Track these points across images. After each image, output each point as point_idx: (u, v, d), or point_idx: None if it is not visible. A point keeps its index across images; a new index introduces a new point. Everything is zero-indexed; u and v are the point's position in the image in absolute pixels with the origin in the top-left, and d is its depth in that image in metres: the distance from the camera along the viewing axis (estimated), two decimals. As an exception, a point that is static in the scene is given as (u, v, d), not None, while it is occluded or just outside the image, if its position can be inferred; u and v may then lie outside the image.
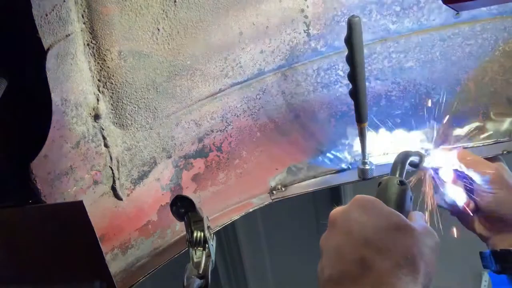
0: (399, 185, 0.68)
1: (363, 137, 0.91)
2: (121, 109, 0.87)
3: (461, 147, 0.95)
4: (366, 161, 0.96)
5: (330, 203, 2.13)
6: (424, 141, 1.00)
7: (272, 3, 0.92)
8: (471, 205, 0.84)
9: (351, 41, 0.79)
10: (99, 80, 0.83)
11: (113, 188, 0.89)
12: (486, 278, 2.48)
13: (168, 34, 0.86)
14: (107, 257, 0.87)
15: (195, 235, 0.81)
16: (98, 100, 0.83)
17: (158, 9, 0.83)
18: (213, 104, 0.97)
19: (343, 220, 0.60)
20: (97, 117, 0.83)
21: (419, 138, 1.00)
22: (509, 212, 0.80)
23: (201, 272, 0.78)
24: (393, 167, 0.77)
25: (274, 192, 1.04)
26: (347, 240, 0.57)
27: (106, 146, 0.86)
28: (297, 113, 1.02)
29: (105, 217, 0.88)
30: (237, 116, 1.00)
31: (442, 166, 0.88)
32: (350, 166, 1.03)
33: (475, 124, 0.98)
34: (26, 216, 0.73)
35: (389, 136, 1.02)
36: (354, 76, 0.82)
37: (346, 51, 0.82)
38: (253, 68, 0.97)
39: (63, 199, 0.80)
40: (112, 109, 0.86)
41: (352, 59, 0.80)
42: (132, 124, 0.89)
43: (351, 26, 0.77)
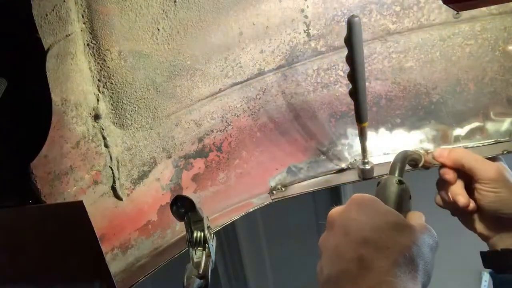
0: (398, 184, 0.68)
1: (363, 137, 0.91)
2: (121, 109, 0.87)
3: (462, 147, 0.95)
4: (366, 161, 0.96)
5: (330, 203, 2.13)
6: (424, 141, 1.00)
7: (272, 3, 0.92)
8: (472, 205, 0.84)
9: (351, 41, 0.79)
10: (99, 80, 0.83)
11: (113, 188, 0.89)
12: (486, 278, 2.48)
13: (168, 34, 0.86)
14: (107, 257, 0.87)
15: (195, 235, 0.81)
16: (98, 100, 0.84)
17: (158, 9, 0.83)
18: (213, 104, 0.97)
19: (341, 220, 0.60)
20: (97, 117, 0.83)
21: (419, 138, 1.00)
22: (511, 212, 0.80)
23: (201, 272, 0.78)
24: (392, 167, 0.77)
25: (274, 192, 1.04)
26: (345, 239, 0.57)
27: (106, 146, 0.86)
28: (297, 113, 1.02)
29: (105, 217, 0.88)
30: (237, 116, 1.00)
31: (443, 166, 0.88)
32: (350, 166, 1.03)
33: (475, 124, 0.98)
34: (26, 216, 0.73)
35: (389, 136, 1.02)
36: (354, 76, 0.82)
37: (346, 51, 0.82)
38: (253, 68, 0.97)
39: (63, 199, 0.80)
40: (112, 109, 0.86)
41: (352, 59, 0.80)
42: (132, 124, 0.89)
43: (351, 26, 0.77)
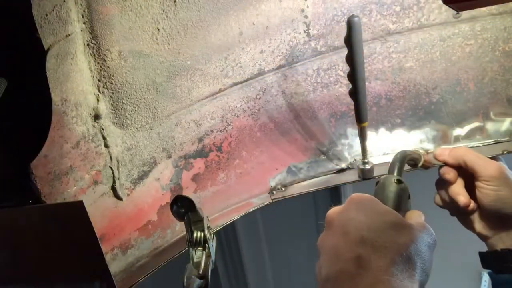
0: (396, 184, 0.68)
1: (363, 137, 0.91)
2: (121, 109, 0.87)
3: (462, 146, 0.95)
4: (366, 161, 0.96)
5: (330, 203, 2.13)
6: (424, 141, 1.00)
7: (272, 3, 0.92)
8: (472, 204, 0.84)
9: (350, 41, 0.79)
10: (99, 80, 0.83)
11: (113, 188, 0.89)
12: (486, 278, 2.48)
13: (168, 34, 0.86)
14: (107, 257, 0.87)
15: (195, 235, 0.81)
16: (98, 100, 0.84)
17: (158, 9, 0.84)
18: (213, 104, 0.97)
19: (339, 220, 0.60)
20: (97, 117, 0.84)
21: (419, 138, 1.00)
22: (511, 211, 0.80)
23: (201, 272, 0.78)
24: (391, 166, 0.77)
25: (274, 192, 1.04)
26: (343, 239, 0.58)
27: (106, 146, 0.86)
28: (297, 113, 1.02)
29: (105, 217, 0.88)
30: (237, 116, 1.00)
31: (444, 165, 0.88)
32: (350, 166, 1.03)
33: (475, 124, 0.98)
34: (26, 216, 0.73)
35: (389, 136, 1.02)
36: (354, 76, 0.82)
37: (346, 51, 0.82)
38: (253, 68, 0.97)
39: (63, 199, 0.80)
40: (112, 109, 0.86)
41: (352, 59, 0.80)
42: (132, 124, 0.89)
43: (350, 26, 0.77)
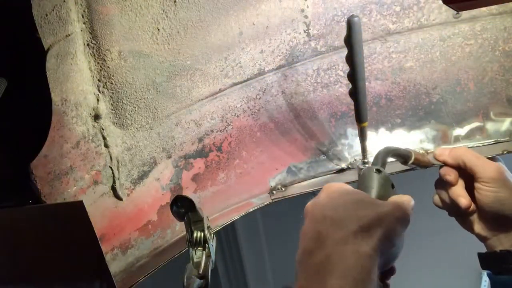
0: (376, 173, 0.70)
1: (363, 137, 0.91)
2: (121, 109, 0.87)
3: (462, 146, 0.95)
4: (366, 161, 0.96)
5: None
6: (424, 141, 1.00)
7: (272, 3, 0.92)
8: (473, 206, 0.84)
9: (350, 41, 0.78)
10: (99, 80, 0.83)
11: (113, 188, 0.89)
12: (486, 278, 2.48)
13: (168, 34, 0.86)
14: (107, 257, 0.87)
15: (195, 235, 0.81)
16: (98, 100, 0.84)
17: (158, 9, 0.84)
18: (213, 104, 0.97)
19: (311, 208, 0.63)
20: (97, 117, 0.84)
21: (419, 138, 1.00)
22: (510, 213, 0.80)
23: (201, 272, 0.78)
24: (374, 158, 0.79)
25: (274, 192, 1.04)
26: (310, 222, 0.60)
27: (106, 146, 0.86)
28: (297, 113, 1.02)
29: (105, 217, 0.88)
30: (237, 116, 1.00)
31: (444, 165, 0.87)
32: (350, 166, 1.03)
33: (475, 124, 0.98)
34: (26, 216, 0.73)
35: (389, 136, 1.02)
36: (354, 76, 0.82)
37: (346, 51, 0.82)
38: (253, 68, 0.97)
39: (63, 199, 0.80)
40: (112, 109, 0.86)
41: (352, 59, 0.80)
42: (132, 124, 0.89)
43: (350, 26, 0.77)
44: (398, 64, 0.99)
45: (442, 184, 0.87)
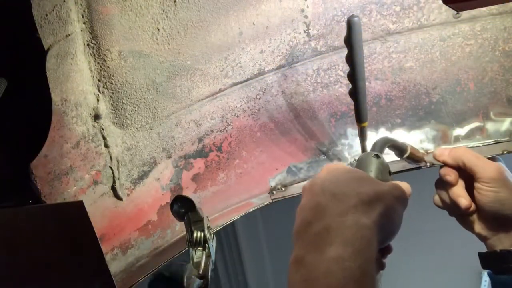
0: (374, 158, 0.71)
1: (363, 137, 0.91)
2: (121, 109, 0.87)
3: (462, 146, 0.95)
4: (366, 161, 0.96)
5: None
6: (424, 141, 1.00)
7: (272, 3, 0.92)
8: (473, 206, 0.83)
9: (350, 41, 0.78)
10: (99, 80, 0.83)
11: (113, 188, 0.89)
12: (486, 278, 2.48)
13: (168, 34, 0.86)
14: (107, 257, 0.87)
15: (195, 235, 0.81)
16: (98, 100, 0.84)
17: (158, 9, 0.84)
18: (213, 104, 0.97)
19: (309, 185, 0.63)
20: (97, 117, 0.84)
21: (419, 138, 1.00)
22: (510, 213, 0.80)
23: (201, 272, 0.78)
24: (372, 146, 0.80)
25: (274, 192, 1.04)
26: (308, 196, 0.60)
27: (106, 146, 0.86)
28: (297, 113, 1.02)
29: (105, 217, 0.88)
30: (237, 116, 1.00)
31: (444, 165, 0.87)
32: (350, 166, 1.03)
33: (475, 124, 0.98)
34: (26, 216, 0.73)
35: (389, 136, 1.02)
36: (354, 76, 0.82)
37: (346, 51, 0.82)
38: (253, 68, 0.97)
39: (63, 199, 0.80)
40: (112, 109, 0.86)
41: (352, 59, 0.80)
42: (132, 124, 0.89)
43: (350, 26, 0.77)
44: (398, 64, 0.99)
45: (442, 185, 0.87)
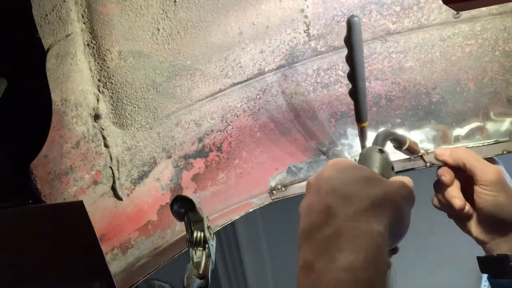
0: (378, 153, 0.70)
1: (363, 137, 0.91)
2: (121, 109, 0.87)
3: (463, 146, 0.95)
4: (366, 160, 0.96)
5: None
6: (424, 141, 1.00)
7: (272, 3, 0.92)
8: (467, 208, 0.83)
9: (350, 41, 0.78)
10: (99, 80, 0.83)
11: (113, 188, 0.89)
12: (486, 279, 2.48)
13: (168, 34, 0.86)
14: (107, 257, 0.87)
15: (195, 235, 0.81)
16: (98, 100, 0.84)
17: (158, 9, 0.84)
18: (213, 104, 0.97)
19: (315, 181, 0.62)
20: (97, 117, 0.84)
21: (419, 138, 1.00)
22: (508, 217, 0.79)
23: (201, 272, 0.78)
24: (374, 139, 0.80)
25: (274, 192, 1.04)
26: (316, 195, 0.59)
27: (106, 146, 0.86)
28: (297, 113, 1.02)
29: (105, 217, 0.88)
30: (237, 116, 1.00)
31: (444, 165, 0.87)
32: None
33: (475, 124, 0.98)
34: (26, 216, 0.73)
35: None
36: (354, 76, 0.82)
37: (346, 51, 0.82)
38: (253, 68, 0.97)
39: (63, 199, 0.80)
40: (112, 109, 0.86)
41: (352, 59, 0.80)
42: (132, 124, 0.89)
43: (350, 26, 0.77)
44: (398, 64, 0.99)
45: (440, 185, 0.87)
